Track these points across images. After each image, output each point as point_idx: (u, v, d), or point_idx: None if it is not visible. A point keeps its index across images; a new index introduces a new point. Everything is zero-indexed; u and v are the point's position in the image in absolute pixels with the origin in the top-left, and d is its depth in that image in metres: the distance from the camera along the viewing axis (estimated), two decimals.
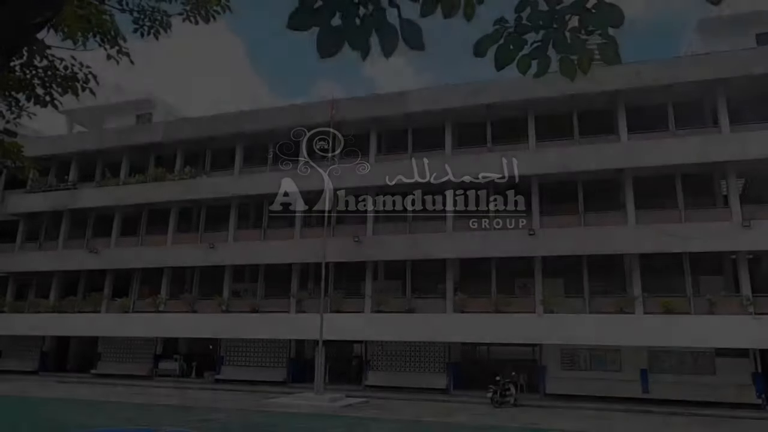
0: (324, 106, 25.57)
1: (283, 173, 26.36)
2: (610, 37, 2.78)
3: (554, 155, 22.28)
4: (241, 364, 26.87)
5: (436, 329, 22.48)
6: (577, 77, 2.94)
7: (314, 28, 2.53)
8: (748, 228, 19.47)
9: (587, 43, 2.86)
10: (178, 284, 28.55)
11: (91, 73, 6.67)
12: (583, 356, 22.22)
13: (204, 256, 26.62)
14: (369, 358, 24.85)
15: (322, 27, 2.51)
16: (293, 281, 25.66)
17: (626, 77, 21.63)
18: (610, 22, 2.72)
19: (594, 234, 21.20)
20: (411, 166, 24.23)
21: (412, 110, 24.67)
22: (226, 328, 25.72)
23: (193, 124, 28.84)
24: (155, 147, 29.69)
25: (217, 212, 27.93)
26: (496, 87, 23.17)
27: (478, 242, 22.50)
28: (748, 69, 20.49)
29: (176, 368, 28.18)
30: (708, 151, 20.51)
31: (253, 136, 28.17)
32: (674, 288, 21.21)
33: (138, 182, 28.89)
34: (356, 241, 24.12)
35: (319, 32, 2.51)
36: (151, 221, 29.26)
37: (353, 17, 2.53)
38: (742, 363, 20.26)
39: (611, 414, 18.50)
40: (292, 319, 24.72)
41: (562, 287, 22.87)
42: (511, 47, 2.85)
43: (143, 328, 27.01)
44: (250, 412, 17.93)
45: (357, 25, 2.53)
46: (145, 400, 20.29)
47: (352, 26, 2.53)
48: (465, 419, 16.95)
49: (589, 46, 2.85)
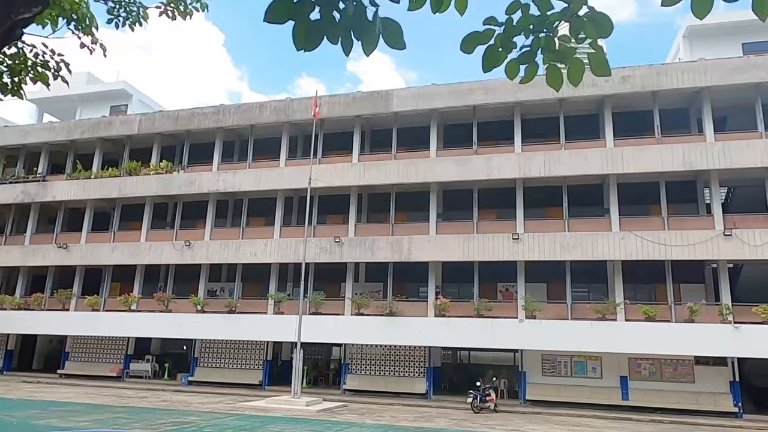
0: (307, 103, 25.46)
1: (263, 170, 26.22)
2: (599, 47, 2.79)
3: (540, 159, 22.48)
4: (216, 365, 26.60)
5: (417, 333, 22.51)
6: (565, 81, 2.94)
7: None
8: (729, 237, 19.88)
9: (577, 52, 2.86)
10: (152, 282, 28.14)
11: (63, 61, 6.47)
12: (564, 362, 22.48)
13: (179, 253, 26.29)
14: (348, 362, 24.79)
15: (300, 21, 2.50)
16: (272, 281, 25.49)
17: (613, 82, 21.94)
18: (600, 32, 2.73)
19: (578, 239, 21.44)
20: (395, 166, 24.28)
21: (397, 109, 24.68)
22: (201, 328, 25.43)
23: (170, 117, 28.45)
24: (130, 139, 29.23)
25: (194, 209, 27.62)
26: (483, 88, 23.33)
27: (461, 245, 22.59)
28: (734, 78, 20.93)
29: (148, 369, 27.82)
30: (692, 158, 20.90)
31: (233, 131, 27.95)
32: (656, 295, 21.58)
33: (111, 176, 28.40)
34: (337, 241, 24.04)
35: (295, 25, 2.50)
36: (125, 216, 28.81)
37: (332, 12, 2.51)
38: (721, 371, 20.71)
39: (590, 421, 18.73)
40: (269, 320, 24.54)
41: (545, 293, 23.09)
42: (500, 49, 2.85)
43: (114, 327, 26.56)
44: (223, 415, 17.73)
45: (336, 21, 2.51)
46: (115, 401, 19.94)
47: (332, 21, 2.52)
48: (444, 424, 17.00)
49: (578, 55, 2.86)
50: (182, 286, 27.19)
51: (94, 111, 32.36)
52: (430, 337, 22.57)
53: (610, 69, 2.81)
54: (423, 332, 22.50)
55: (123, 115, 30.73)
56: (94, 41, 6.22)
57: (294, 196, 26.89)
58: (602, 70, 2.82)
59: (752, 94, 21.19)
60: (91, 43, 6.21)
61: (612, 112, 22.50)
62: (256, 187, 26.00)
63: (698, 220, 21.39)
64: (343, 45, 2.56)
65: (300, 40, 2.52)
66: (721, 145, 20.82)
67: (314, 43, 2.54)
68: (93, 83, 34.67)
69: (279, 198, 26.15)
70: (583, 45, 2.88)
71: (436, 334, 22.46)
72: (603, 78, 21.61)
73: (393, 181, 24.17)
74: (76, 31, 6.12)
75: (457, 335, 22.19)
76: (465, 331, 21.94)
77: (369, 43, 2.54)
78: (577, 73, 2.87)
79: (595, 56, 2.80)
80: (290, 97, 26.82)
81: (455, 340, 22.66)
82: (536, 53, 2.88)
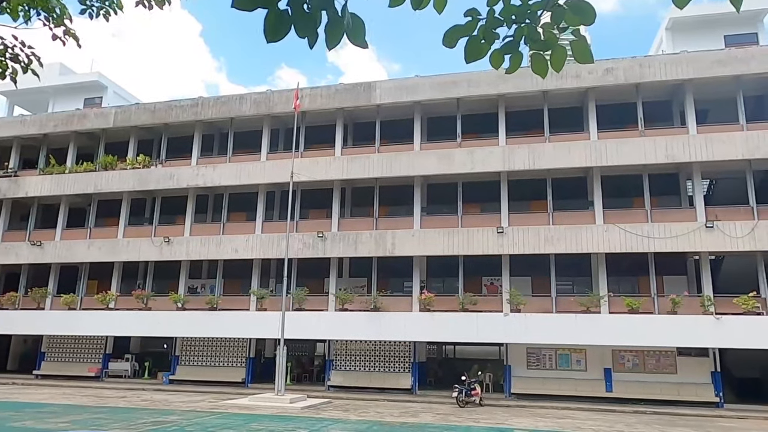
0: (288, 95, 25.31)
1: (244, 164, 26.05)
2: (582, 36, 2.83)
3: (524, 152, 22.67)
4: (198, 363, 26.47)
5: (402, 328, 22.65)
6: (549, 73, 2.97)
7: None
8: (711, 229, 20.30)
9: (559, 40, 2.90)
10: (130, 280, 27.87)
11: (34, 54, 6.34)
12: (549, 355, 22.81)
13: (158, 250, 26.05)
14: (332, 358, 24.85)
15: (270, 9, 2.48)
16: (254, 278, 25.40)
17: (597, 74, 22.19)
18: (582, 20, 2.77)
19: (562, 233, 21.71)
20: (378, 159, 24.30)
21: (380, 102, 24.67)
22: (181, 326, 25.27)
23: (146, 110, 28.07)
24: (105, 133, 28.81)
25: (173, 204, 27.36)
26: (467, 80, 23.42)
27: (445, 240, 22.73)
28: (715, 70, 21.30)
29: (128, 368, 27.59)
30: (674, 151, 21.26)
31: (212, 124, 27.71)
32: (639, 287, 21.97)
33: (86, 170, 27.98)
34: (320, 236, 24.03)
35: (266, 14, 2.48)
36: (101, 212, 28.44)
37: (301, 3, 2.50)
38: (702, 362, 21.20)
39: (575, 413, 19.07)
40: (252, 317, 24.47)
41: (530, 286, 23.36)
42: (482, 41, 2.86)
43: (91, 326, 26.26)
44: (205, 413, 17.68)
45: (305, 12, 2.51)
46: (93, 402, 19.76)
47: (300, 12, 2.51)
48: (429, 419, 17.16)
49: (561, 42, 2.90)
50: (162, 283, 26.96)
51: (68, 103, 31.79)
52: (415, 332, 22.72)
53: (592, 57, 2.84)
54: (408, 327, 22.64)
55: (98, 108, 30.24)
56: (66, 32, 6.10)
57: (276, 191, 26.77)
58: (585, 58, 2.85)
59: (733, 87, 21.60)
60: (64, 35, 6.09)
61: (596, 104, 22.76)
62: (237, 181, 25.83)
63: (681, 212, 21.80)
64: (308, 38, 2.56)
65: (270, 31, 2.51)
66: (703, 137, 21.20)
67: (281, 34, 2.53)
68: (66, 75, 34.03)
69: (260, 192, 26.03)
70: (566, 34, 2.93)
71: (420, 329, 22.61)
72: (586, 70, 21.96)
73: (376, 174, 24.19)
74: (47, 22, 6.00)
75: (442, 330, 22.37)
76: (450, 325, 22.13)
77: (333, 38, 2.54)
78: (559, 60, 2.91)
79: (578, 44, 2.83)
80: (271, 90, 26.65)
81: (440, 334, 22.84)
82: (519, 43, 2.90)
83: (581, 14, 2.74)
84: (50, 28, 6.03)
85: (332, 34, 2.54)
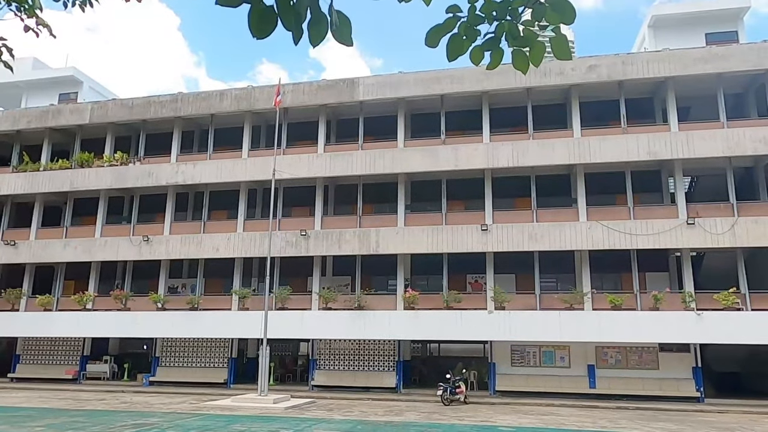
0: (269, 91, 25.22)
1: (225, 161, 25.93)
2: (561, 34, 2.90)
3: (508, 149, 22.91)
4: (179, 364, 26.35)
5: (386, 327, 22.79)
6: (532, 70, 3.05)
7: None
8: (692, 226, 20.74)
9: (540, 37, 2.97)
10: (109, 280, 27.61)
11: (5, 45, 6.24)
12: (533, 352, 23.14)
13: (137, 249, 25.83)
14: (316, 357, 24.91)
15: (254, 5, 2.49)
16: (235, 277, 25.34)
17: (581, 71, 22.48)
18: (562, 18, 2.83)
19: (546, 230, 22.01)
20: (362, 156, 24.36)
21: (363, 98, 24.72)
22: (161, 326, 25.12)
23: (124, 106, 27.76)
24: (81, 129, 28.43)
25: (152, 202, 27.14)
26: (451, 77, 23.56)
27: (429, 237, 22.90)
28: (697, 68, 21.72)
29: (106, 370, 27.36)
30: (656, 148, 21.66)
31: (192, 120, 27.52)
32: (621, 284, 22.37)
33: (62, 168, 27.61)
34: (303, 234, 24.04)
35: (250, 10, 2.49)
36: (77, 211, 28.11)
37: None
38: (684, 357, 21.70)
39: (558, 409, 19.40)
40: (233, 316, 24.42)
41: (514, 283, 23.65)
42: (464, 37, 2.92)
43: (68, 327, 25.97)
44: (187, 415, 17.64)
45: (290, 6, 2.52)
46: (71, 405, 19.58)
47: (286, 6, 2.52)
48: (414, 418, 17.33)
49: (540, 39, 2.97)
50: (141, 283, 26.76)
51: (42, 99, 31.27)
52: (400, 331, 22.88)
53: (570, 53, 2.92)
54: (392, 326, 22.78)
55: (73, 104, 29.82)
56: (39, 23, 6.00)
57: (258, 188, 26.70)
58: (563, 54, 2.91)
59: (714, 84, 22.05)
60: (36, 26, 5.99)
61: (579, 101, 23.06)
62: (218, 179, 25.71)
63: (663, 209, 22.22)
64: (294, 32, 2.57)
65: (255, 27, 2.51)
66: (684, 134, 21.63)
67: (267, 31, 2.53)
68: (39, 69, 33.47)
69: (242, 190, 25.93)
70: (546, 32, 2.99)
71: (405, 327, 22.77)
72: (570, 67, 22.23)
73: (360, 171, 24.25)
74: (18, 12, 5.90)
75: (427, 328, 22.56)
76: (434, 323, 22.33)
77: (317, 35, 2.57)
78: (538, 56, 2.97)
79: (556, 40, 2.89)
80: (252, 85, 26.52)
81: (425, 332, 23.03)
82: (500, 39, 2.96)
83: (561, 12, 2.80)
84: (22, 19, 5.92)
85: (316, 31, 2.56)
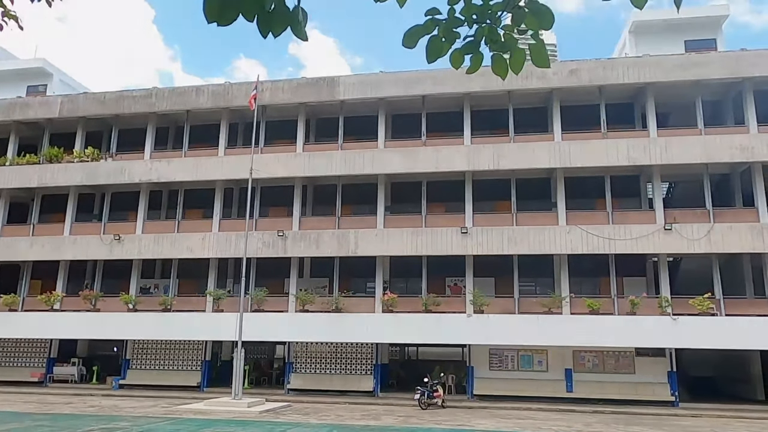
0: (248, 88, 25.15)
1: (200, 159, 25.79)
2: (540, 40, 3.01)
3: (489, 152, 23.25)
4: (150, 367, 26.14)
5: (364, 330, 22.95)
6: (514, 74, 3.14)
7: None
8: (669, 231, 21.32)
9: (519, 43, 3.07)
10: (77, 280, 27.24)
11: None
12: (511, 356, 23.53)
13: (108, 248, 25.54)
14: (292, 360, 24.95)
15: None
16: (210, 278, 25.25)
17: (562, 75, 22.92)
18: (541, 23, 2.93)
19: (525, 233, 22.41)
20: (341, 156, 24.46)
21: (343, 97, 24.83)
22: (132, 328, 24.89)
23: (95, 100, 27.42)
24: (51, 123, 27.98)
25: (124, 200, 26.88)
26: (432, 78, 23.80)
27: (409, 240, 23.12)
28: (676, 74, 22.33)
29: (74, 373, 27.01)
30: (635, 154, 22.21)
31: (167, 116, 27.31)
32: (600, 289, 22.88)
33: (29, 163, 27.15)
34: (280, 235, 24.05)
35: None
36: (45, 208, 27.67)
37: None
38: (660, 362, 22.30)
39: (536, 414, 19.79)
40: (208, 318, 24.33)
41: (493, 287, 24.00)
42: (443, 40, 3.00)
43: (34, 328, 25.56)
44: (158, 419, 17.55)
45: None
46: (36, 408, 19.31)
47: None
48: (391, 422, 17.53)
49: (521, 45, 3.07)
50: (111, 283, 26.46)
51: (8, 91, 30.59)
52: (378, 334, 23.06)
53: (549, 61, 3.03)
54: (370, 329, 22.95)
55: (42, 96, 29.34)
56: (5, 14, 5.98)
57: (234, 187, 26.62)
58: (541, 62, 3.02)
59: (693, 91, 22.69)
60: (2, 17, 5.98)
61: (560, 105, 23.50)
62: (193, 177, 25.57)
63: (641, 214, 22.81)
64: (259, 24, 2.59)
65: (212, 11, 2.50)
66: (663, 141, 22.22)
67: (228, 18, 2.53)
68: (6, 60, 32.81)
69: (218, 189, 25.82)
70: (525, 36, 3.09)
71: (383, 330, 22.96)
72: (552, 71, 22.65)
73: (339, 172, 24.36)
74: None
75: (405, 331, 22.78)
76: (413, 326, 22.56)
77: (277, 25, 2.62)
78: (518, 62, 3.06)
79: (535, 47, 2.99)
80: (230, 82, 26.42)
81: (403, 336, 23.26)
82: (480, 43, 3.01)
83: (540, 18, 2.90)
84: None
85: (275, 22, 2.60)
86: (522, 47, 3.07)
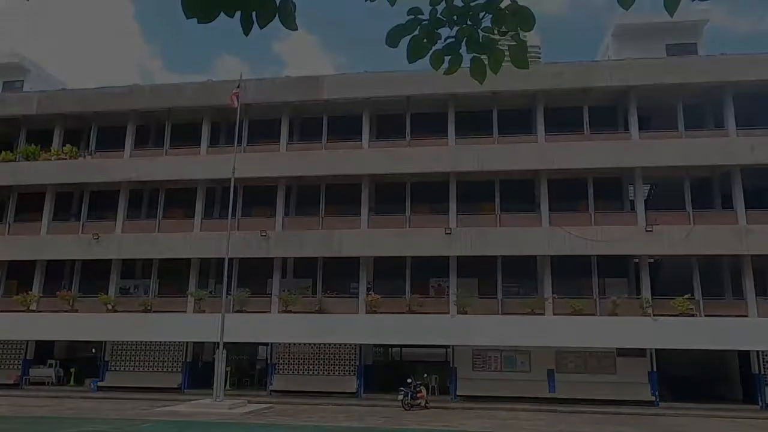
0: (231, 86, 24.94)
1: (182, 157, 25.57)
2: (521, 41, 3.04)
3: (473, 153, 23.39)
4: (130, 369, 25.87)
5: (348, 330, 22.94)
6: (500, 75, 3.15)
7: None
8: (650, 233, 21.64)
9: (499, 44, 3.09)
10: (55, 280, 26.80)
11: None
12: (494, 357, 23.70)
13: (87, 248, 25.20)
14: (275, 362, 24.85)
15: None
16: (191, 278, 25.04)
17: (546, 77, 23.14)
18: (521, 25, 2.96)
19: (509, 235, 22.60)
20: (325, 156, 24.42)
21: (327, 97, 24.80)
22: (112, 329, 24.59)
23: (74, 97, 27.06)
24: (27, 120, 27.53)
25: (104, 198, 26.54)
26: (416, 79, 23.83)
27: (393, 240, 23.17)
28: (658, 78, 22.68)
29: (51, 375, 26.60)
30: (618, 156, 22.51)
31: (148, 114, 27.00)
32: (582, 289, 23.14)
33: (4, 160, 26.69)
34: (263, 235, 23.94)
35: None
36: (22, 206, 27.22)
37: None
38: (640, 362, 22.64)
39: (518, 414, 19.96)
40: (189, 319, 24.13)
41: (476, 288, 24.13)
42: (424, 40, 3.03)
43: (9, 330, 25.14)
44: (137, 421, 17.39)
45: None
46: (12, 411, 19.01)
47: None
48: (375, 423, 17.56)
49: (500, 47, 3.10)
50: (90, 283, 26.10)
51: None
52: (361, 335, 23.08)
53: (528, 62, 3.04)
54: (353, 330, 22.96)
55: (18, 93, 28.86)
56: None
57: (216, 187, 26.41)
58: (521, 63, 3.04)
59: (674, 95, 23.05)
60: None
61: (544, 107, 23.72)
62: (175, 176, 25.37)
63: (622, 216, 23.13)
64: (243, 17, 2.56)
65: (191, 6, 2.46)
66: (644, 143, 22.57)
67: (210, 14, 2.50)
68: None
69: (200, 188, 25.63)
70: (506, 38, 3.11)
71: (367, 331, 22.98)
72: (536, 73, 22.85)
73: (323, 172, 24.33)
74: None
75: (389, 332, 22.82)
76: (396, 327, 22.62)
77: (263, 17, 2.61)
78: (497, 63, 3.09)
79: (515, 48, 3.02)
80: (212, 79, 26.24)
81: (386, 337, 23.30)
82: (460, 44, 3.02)
83: (521, 19, 2.94)
84: None
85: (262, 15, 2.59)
86: (501, 48, 3.08)
